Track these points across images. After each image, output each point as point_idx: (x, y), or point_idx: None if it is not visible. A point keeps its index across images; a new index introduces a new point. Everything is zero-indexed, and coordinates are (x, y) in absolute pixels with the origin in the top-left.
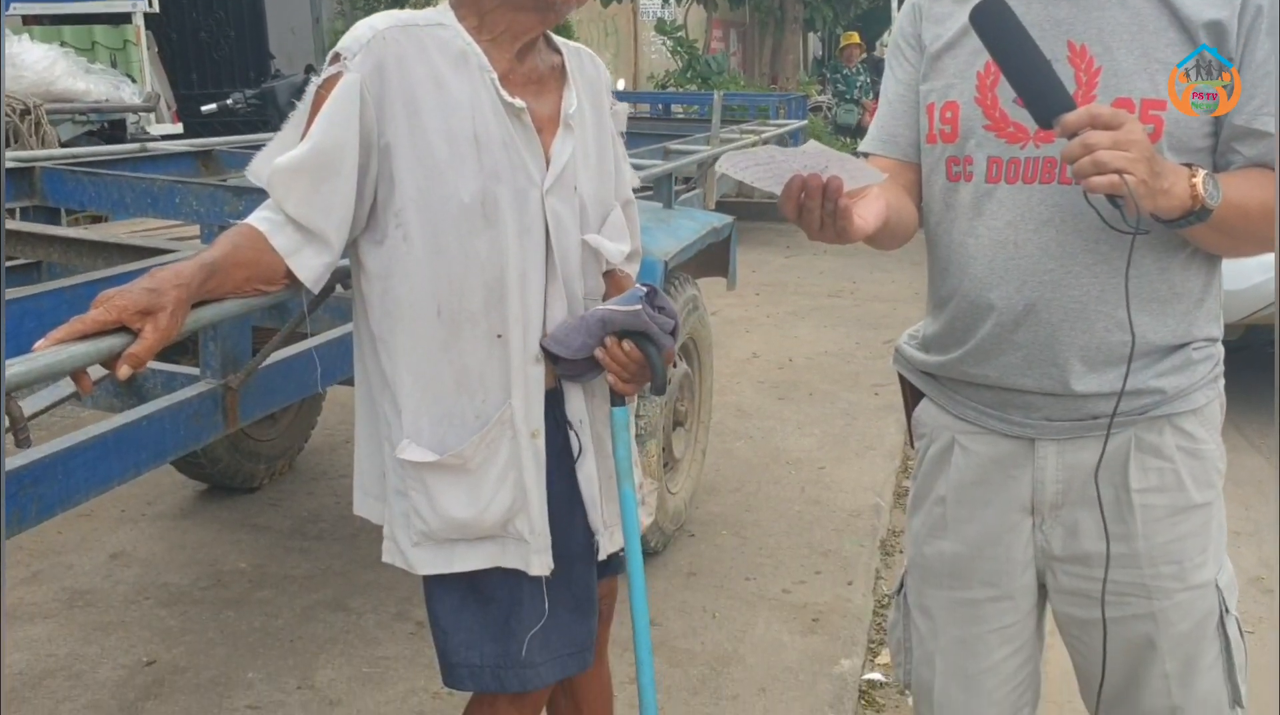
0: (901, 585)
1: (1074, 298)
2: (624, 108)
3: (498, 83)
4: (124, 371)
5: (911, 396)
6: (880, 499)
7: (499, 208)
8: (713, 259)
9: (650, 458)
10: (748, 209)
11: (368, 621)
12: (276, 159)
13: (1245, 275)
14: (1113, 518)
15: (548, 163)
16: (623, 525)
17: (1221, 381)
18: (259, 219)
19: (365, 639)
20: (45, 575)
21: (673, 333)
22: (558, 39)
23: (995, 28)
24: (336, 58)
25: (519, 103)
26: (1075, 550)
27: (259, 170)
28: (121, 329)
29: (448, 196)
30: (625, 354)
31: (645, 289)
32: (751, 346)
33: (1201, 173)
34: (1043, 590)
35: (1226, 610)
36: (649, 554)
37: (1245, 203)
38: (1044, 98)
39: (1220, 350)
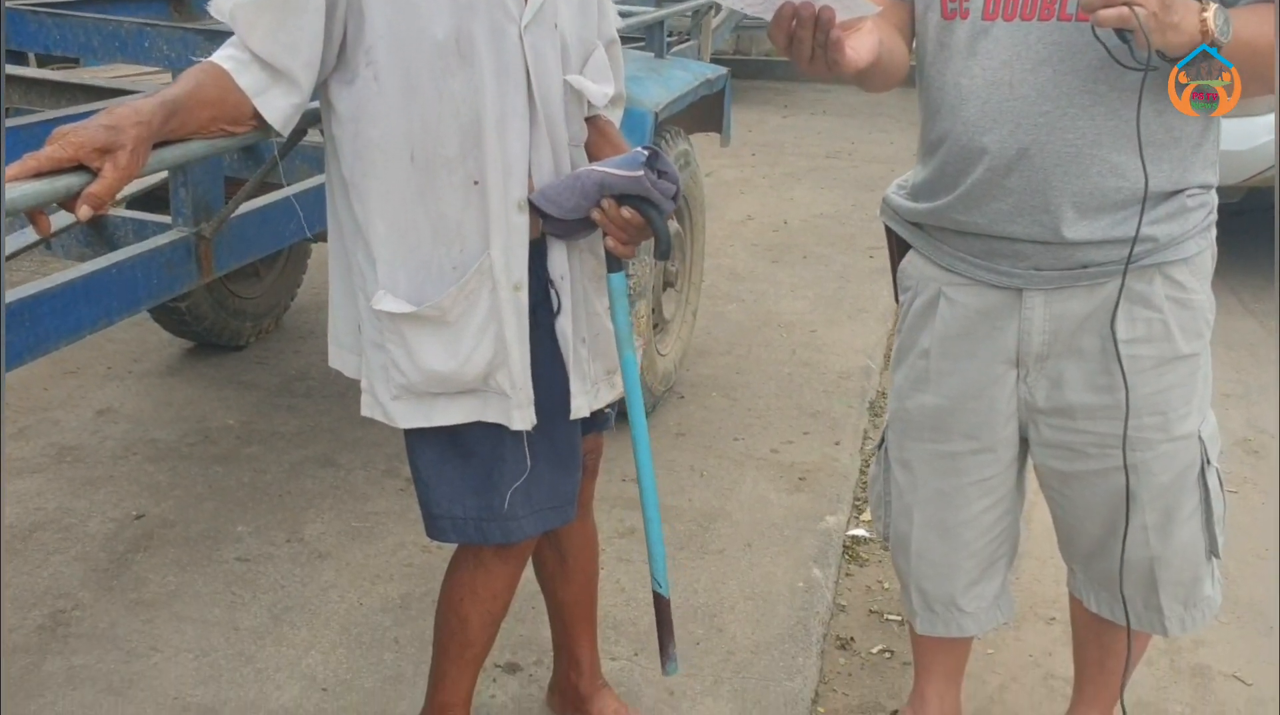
0: (883, 440)
1: (1068, 141)
2: None
3: None
4: (84, 212)
5: (898, 249)
6: (870, 361)
7: (474, 45)
8: (706, 113)
9: (640, 318)
10: (744, 66)
11: (356, 478)
12: None
13: (1250, 135)
14: (1098, 369)
15: None
16: (625, 391)
17: (1214, 231)
18: (223, 57)
19: (354, 495)
20: (32, 431)
21: (674, 197)
22: None
23: None
24: None
25: None
26: (1059, 402)
27: (221, 4)
28: (79, 168)
29: (420, 32)
30: (625, 218)
31: (647, 152)
32: (746, 208)
33: (1214, 8)
34: (1024, 444)
35: (1208, 461)
36: None
37: (1254, 40)
38: None
39: (1214, 198)
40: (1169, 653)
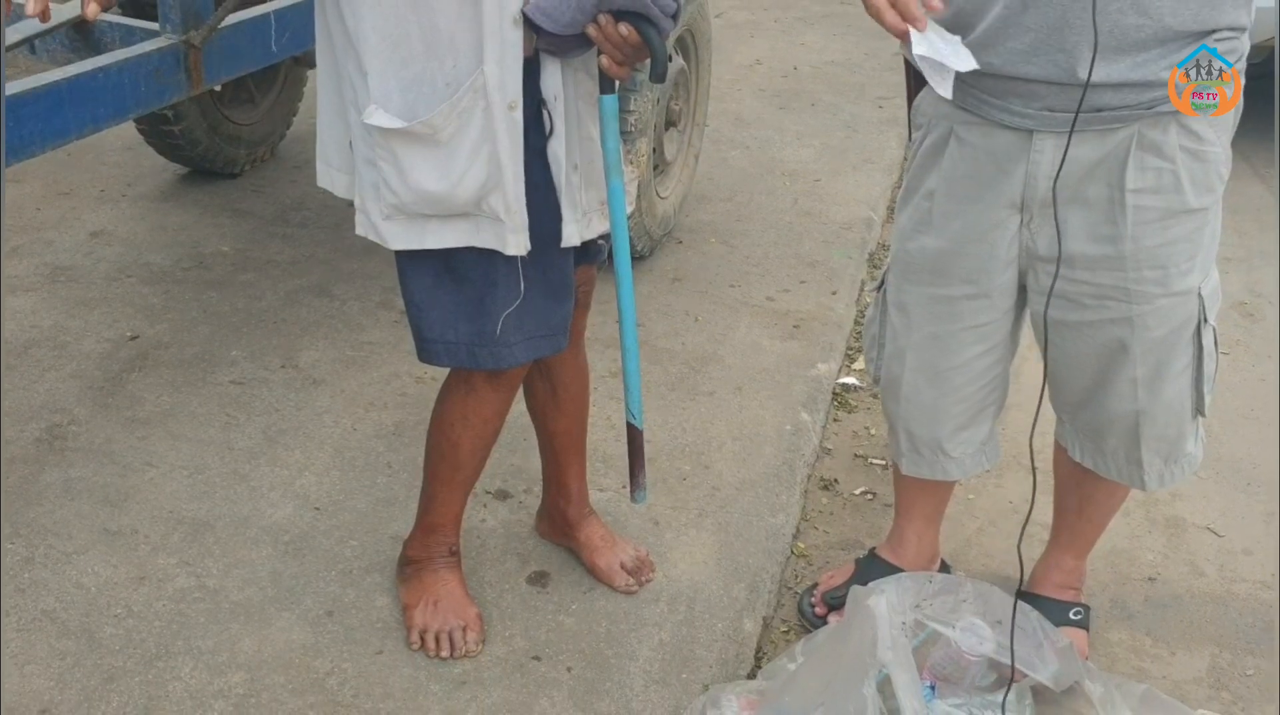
0: (882, 282)
1: None
2: None
3: None
4: (93, 9)
5: (915, 84)
6: (873, 212)
7: None
8: None
9: (640, 156)
10: None
11: (351, 308)
12: None
13: None
14: (1102, 219)
15: None
16: (611, 219)
17: (1242, 80)
18: None
19: (349, 324)
20: (25, 250)
21: (674, 16)
22: None
23: None
24: None
25: None
26: (1063, 249)
27: None
28: None
29: None
30: (622, 35)
31: None
32: (755, 53)
33: None
34: (1022, 292)
35: (1205, 319)
36: (635, 258)
37: None
38: None
39: (1245, 44)
40: (1145, 504)
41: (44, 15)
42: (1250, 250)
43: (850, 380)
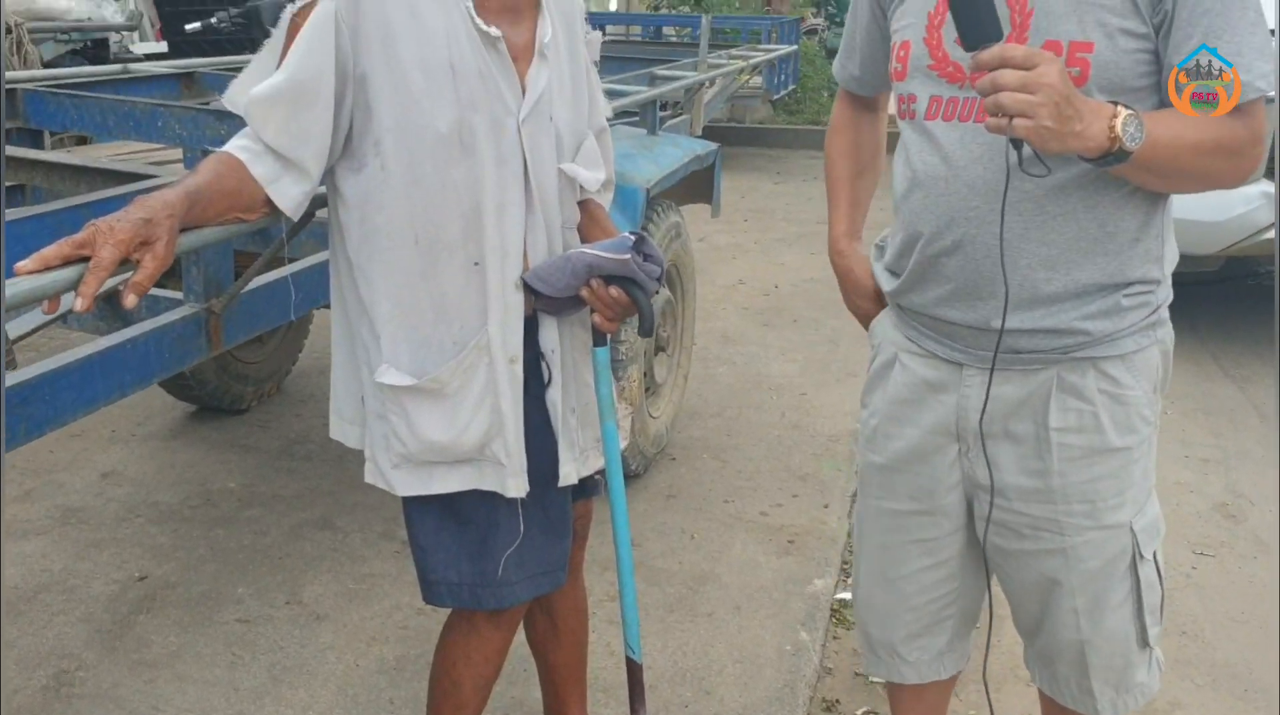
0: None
1: (995, 234)
2: (597, 36)
3: (473, 11)
4: (131, 300)
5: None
6: (859, 424)
7: (475, 137)
8: (697, 186)
9: (632, 382)
10: (737, 134)
11: (354, 540)
12: (253, 88)
13: (1226, 207)
14: (1030, 454)
15: (524, 92)
16: (605, 461)
17: (1163, 329)
18: (238, 148)
19: (352, 556)
20: (37, 493)
21: (659, 279)
22: None
23: None
24: None
25: (495, 31)
26: (996, 481)
27: (236, 98)
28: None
29: (424, 126)
30: (612, 297)
31: (634, 237)
32: (738, 273)
33: (1124, 114)
34: (971, 514)
35: (1141, 555)
36: (630, 476)
37: (1176, 142)
38: (975, 23)
39: (1162, 296)
40: (1146, 713)
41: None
42: (1227, 451)
43: (847, 595)
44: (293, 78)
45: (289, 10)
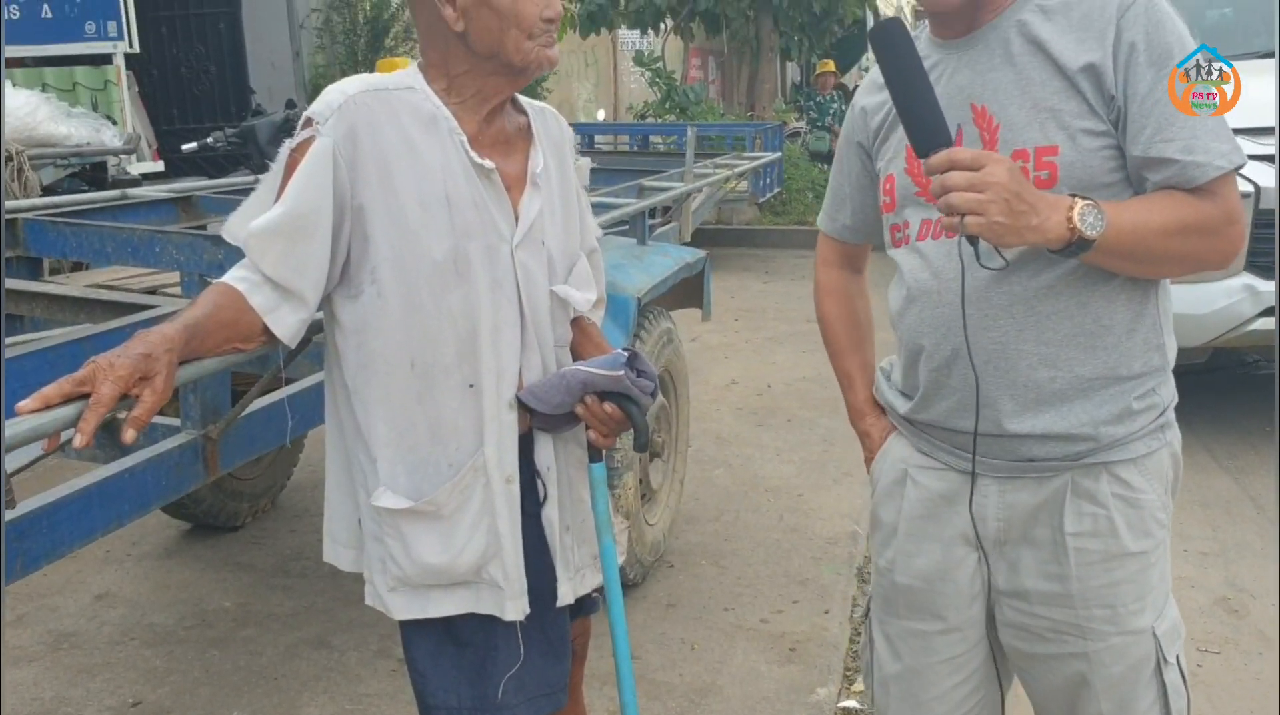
0: (867, 609)
1: (993, 339)
2: (586, 163)
3: (467, 145)
4: (130, 435)
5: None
6: (857, 526)
7: (470, 264)
8: (688, 292)
9: (627, 490)
10: (726, 235)
11: (350, 659)
12: (253, 222)
13: (1209, 300)
14: (1049, 558)
15: (516, 219)
16: (604, 579)
17: (1171, 431)
18: (236, 279)
19: (348, 676)
20: (30, 618)
21: (652, 394)
22: (523, 99)
23: (890, 49)
24: (309, 122)
25: (489, 164)
26: (1017, 586)
27: (235, 231)
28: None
29: (421, 255)
30: (607, 413)
31: (627, 353)
32: (730, 373)
33: (1081, 204)
34: (992, 622)
35: (1165, 660)
36: (628, 586)
37: (1140, 227)
38: (924, 132)
39: (1168, 397)
40: None
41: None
42: (1225, 544)
43: (851, 703)
44: (291, 211)
45: (287, 145)
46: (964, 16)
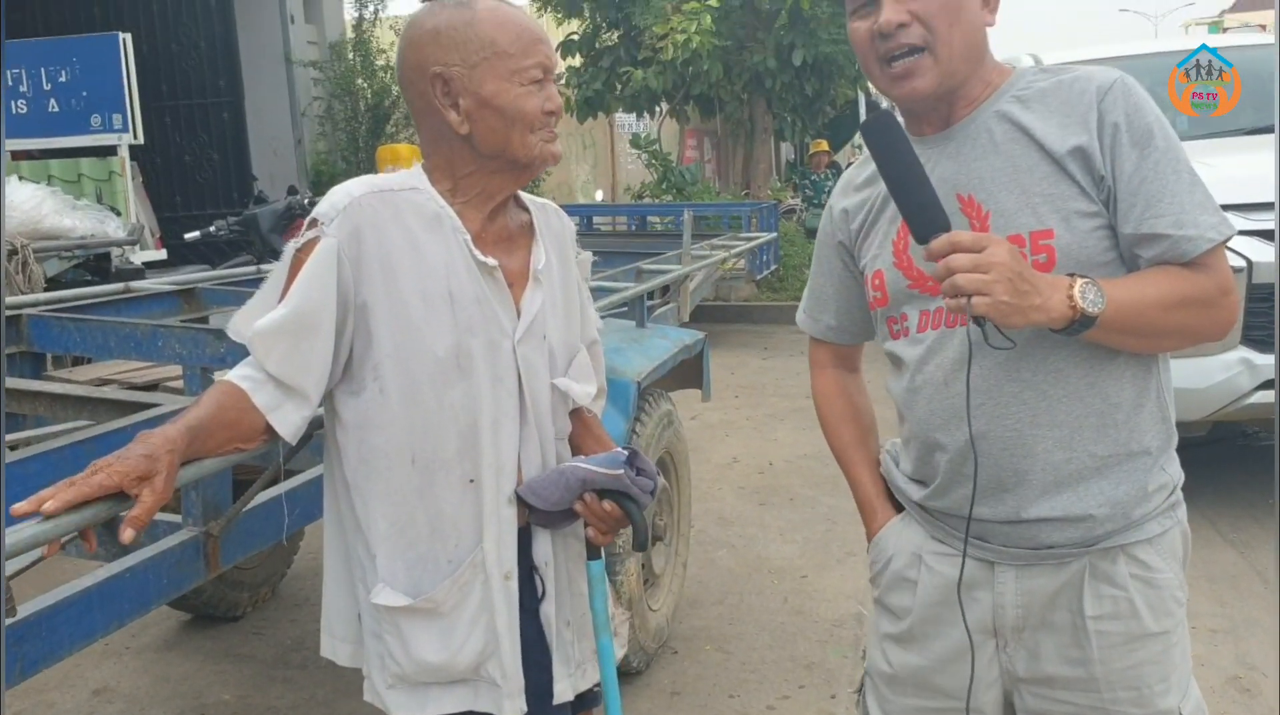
0: (861, 686)
1: (1008, 426)
2: (588, 257)
3: (471, 243)
4: (128, 535)
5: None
6: (862, 607)
7: (473, 359)
8: (687, 372)
9: (630, 577)
10: (723, 312)
11: None
12: (258, 321)
13: (1207, 374)
14: (1070, 643)
15: (518, 314)
16: (601, 680)
17: (1181, 509)
18: (239, 377)
19: None
20: None
21: (652, 492)
22: (525, 196)
23: (883, 140)
24: (314, 223)
25: (491, 261)
26: (1038, 672)
27: (240, 330)
28: (119, 493)
29: (423, 351)
30: (606, 511)
31: (627, 452)
32: (731, 451)
33: (1080, 282)
34: (1010, 708)
35: None
36: (632, 674)
37: (1139, 302)
38: (923, 219)
39: (1176, 476)
40: None
41: (92, 548)
42: (1234, 620)
43: None
44: (295, 310)
45: (292, 245)
46: (940, 112)
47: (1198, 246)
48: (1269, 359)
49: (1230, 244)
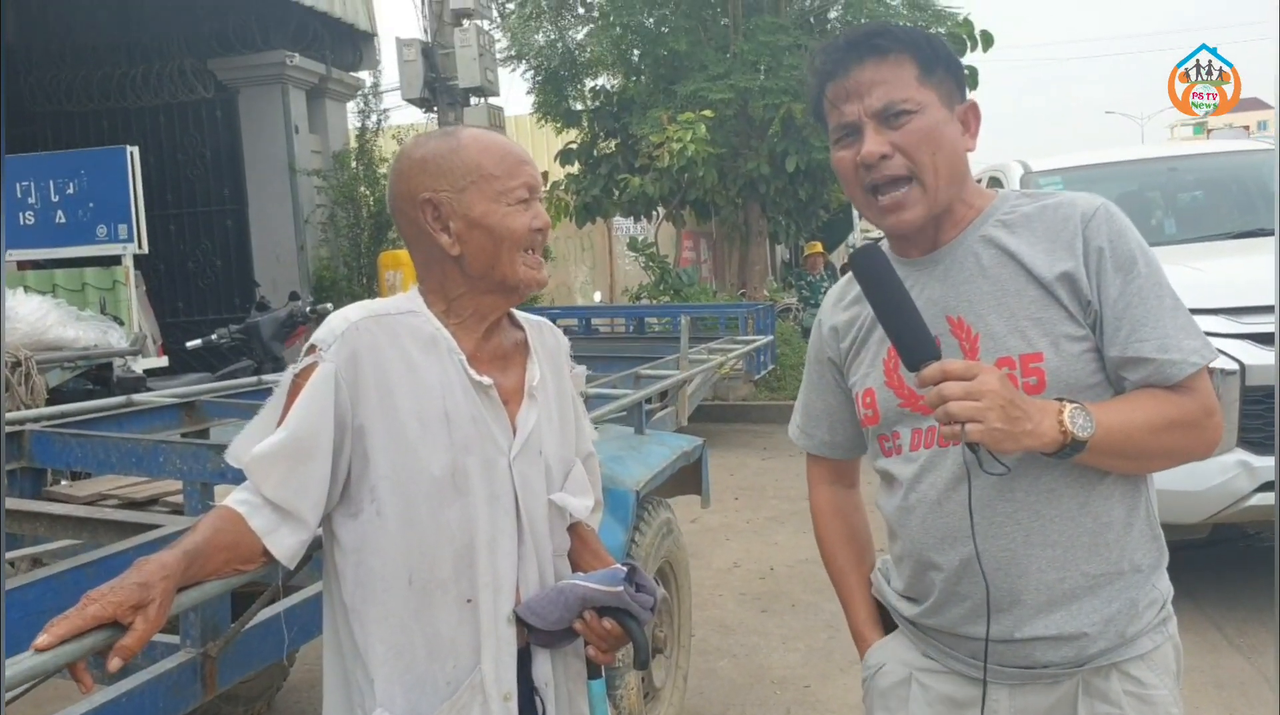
0: None
1: (1002, 546)
2: (582, 371)
3: (466, 363)
4: (115, 664)
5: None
6: None
7: (469, 478)
8: (686, 479)
9: (630, 691)
10: (723, 411)
11: None
12: (255, 447)
13: (1205, 477)
14: None
15: (514, 431)
16: None
17: (1172, 623)
18: (237, 501)
19: None
20: None
21: (652, 609)
22: (519, 314)
23: (871, 273)
24: (312, 348)
25: (486, 380)
26: None
27: (239, 455)
28: (113, 623)
29: (419, 470)
30: (606, 629)
31: (626, 568)
32: (732, 555)
33: (1069, 407)
34: None
35: None
36: None
37: (1127, 425)
38: (913, 347)
39: (1166, 591)
40: None
41: (89, 687)
42: None
43: None
44: (293, 435)
45: (291, 370)
46: (926, 236)
47: (1182, 371)
48: (1267, 461)
49: (1223, 348)
